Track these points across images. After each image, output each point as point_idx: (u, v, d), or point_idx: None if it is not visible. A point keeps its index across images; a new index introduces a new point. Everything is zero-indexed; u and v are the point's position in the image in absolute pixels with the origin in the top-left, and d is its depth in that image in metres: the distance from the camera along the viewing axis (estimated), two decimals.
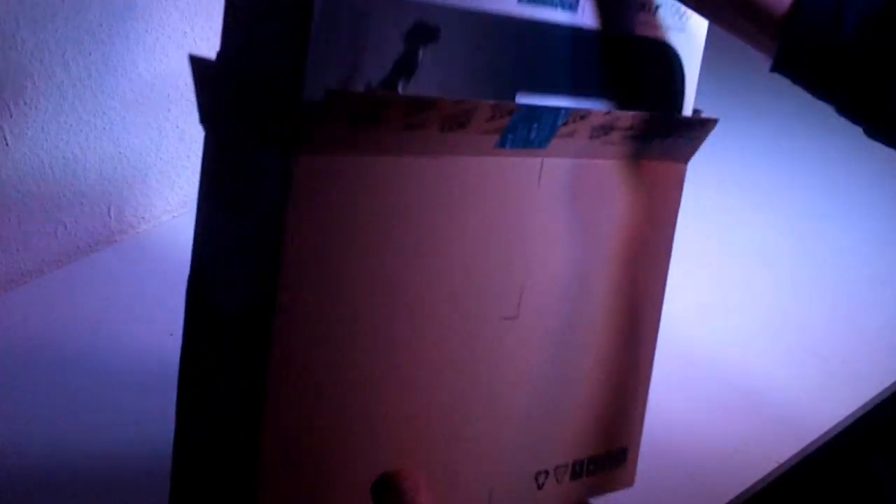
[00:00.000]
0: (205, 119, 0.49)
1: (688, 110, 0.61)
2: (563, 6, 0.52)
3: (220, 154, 0.49)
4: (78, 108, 0.85)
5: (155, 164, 0.94)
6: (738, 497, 0.76)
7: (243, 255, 0.47)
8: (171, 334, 0.50)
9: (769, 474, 0.78)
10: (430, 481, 0.52)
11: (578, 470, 0.61)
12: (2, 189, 0.83)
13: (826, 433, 0.84)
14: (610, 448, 0.62)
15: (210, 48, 0.49)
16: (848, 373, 0.91)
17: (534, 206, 0.53)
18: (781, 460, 0.80)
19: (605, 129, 0.54)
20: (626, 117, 0.54)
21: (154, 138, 0.93)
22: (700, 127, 0.60)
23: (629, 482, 0.64)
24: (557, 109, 0.51)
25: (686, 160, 0.61)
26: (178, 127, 0.94)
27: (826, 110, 0.52)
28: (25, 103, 0.81)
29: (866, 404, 0.88)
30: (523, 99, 0.52)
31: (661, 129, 0.57)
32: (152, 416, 0.69)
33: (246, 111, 0.47)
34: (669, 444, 0.76)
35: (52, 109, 0.83)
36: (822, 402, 0.87)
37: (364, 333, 0.48)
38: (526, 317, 0.54)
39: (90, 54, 0.84)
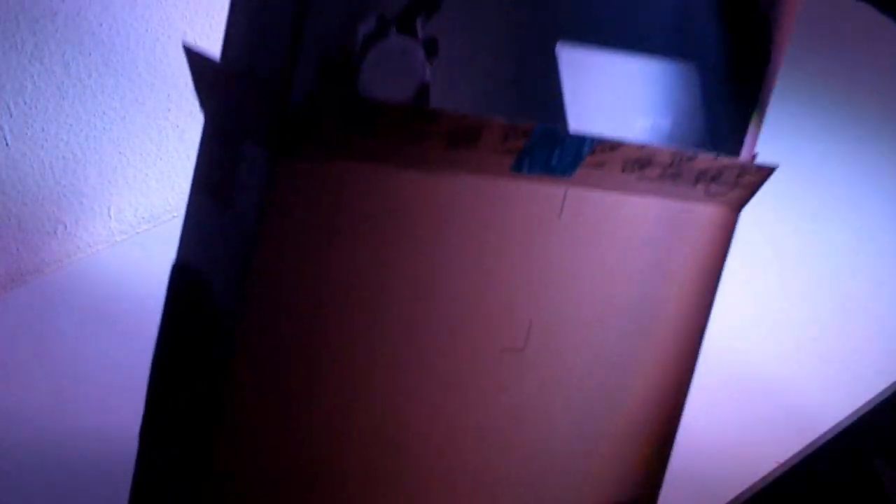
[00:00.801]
0: (202, 105, 0.47)
1: (746, 151, 0.55)
2: None
3: (213, 141, 0.47)
4: (78, 108, 0.85)
5: (155, 164, 0.94)
6: (737, 497, 0.76)
7: (222, 248, 0.44)
8: None
9: (769, 474, 0.78)
10: None
11: None
12: (2, 189, 0.83)
13: (826, 433, 0.84)
14: (620, 499, 0.58)
15: (210, 48, 0.49)
16: (848, 373, 0.91)
17: (553, 239, 0.49)
18: (781, 460, 0.80)
19: (641, 164, 0.49)
20: (665, 153, 0.49)
21: (154, 138, 0.93)
22: (754, 173, 0.54)
23: None
24: (583, 137, 0.46)
25: (737, 208, 0.55)
26: (178, 127, 0.94)
27: (827, 115, 0.52)
28: (25, 103, 0.81)
29: (866, 404, 0.88)
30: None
31: (707, 171, 0.51)
32: None
33: (238, 106, 0.44)
34: None
35: (52, 109, 0.83)
36: (823, 401, 0.87)
37: (340, 349, 0.45)
38: (535, 352, 0.50)
39: (90, 54, 0.84)
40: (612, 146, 0.47)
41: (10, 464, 0.66)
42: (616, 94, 0.51)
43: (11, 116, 0.81)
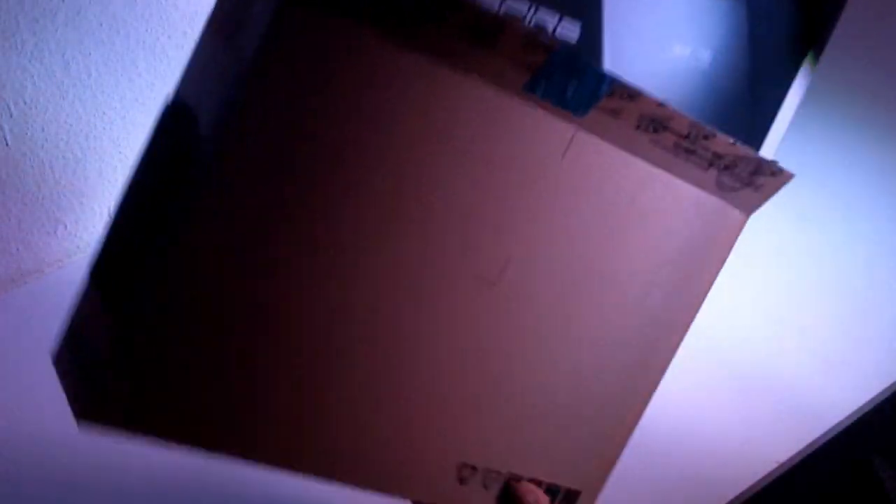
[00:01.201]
0: None
1: (788, 106, 0.52)
2: None
3: None
4: (78, 108, 0.85)
5: None
6: (738, 497, 0.76)
7: (215, 83, 0.43)
8: None
9: (769, 474, 0.78)
10: (326, 442, 0.47)
11: None
12: (2, 189, 0.83)
13: (826, 433, 0.84)
14: (559, 482, 0.54)
15: None
16: (848, 373, 0.91)
17: (550, 180, 0.47)
18: (781, 460, 0.80)
19: (656, 125, 0.47)
20: (683, 121, 0.47)
21: None
22: (770, 175, 0.51)
23: None
24: (603, 74, 0.45)
25: (747, 211, 0.53)
26: None
27: (833, 118, 0.51)
28: (25, 103, 0.81)
29: (866, 404, 0.88)
30: None
31: (722, 156, 0.49)
32: None
33: None
34: (668, 443, 0.76)
35: (52, 109, 0.83)
36: (823, 401, 0.87)
37: (311, 205, 0.43)
38: (507, 290, 0.48)
39: (90, 54, 0.84)
40: (630, 94, 0.45)
41: (10, 464, 0.66)
42: (658, 13, 0.49)
43: (11, 116, 0.81)
